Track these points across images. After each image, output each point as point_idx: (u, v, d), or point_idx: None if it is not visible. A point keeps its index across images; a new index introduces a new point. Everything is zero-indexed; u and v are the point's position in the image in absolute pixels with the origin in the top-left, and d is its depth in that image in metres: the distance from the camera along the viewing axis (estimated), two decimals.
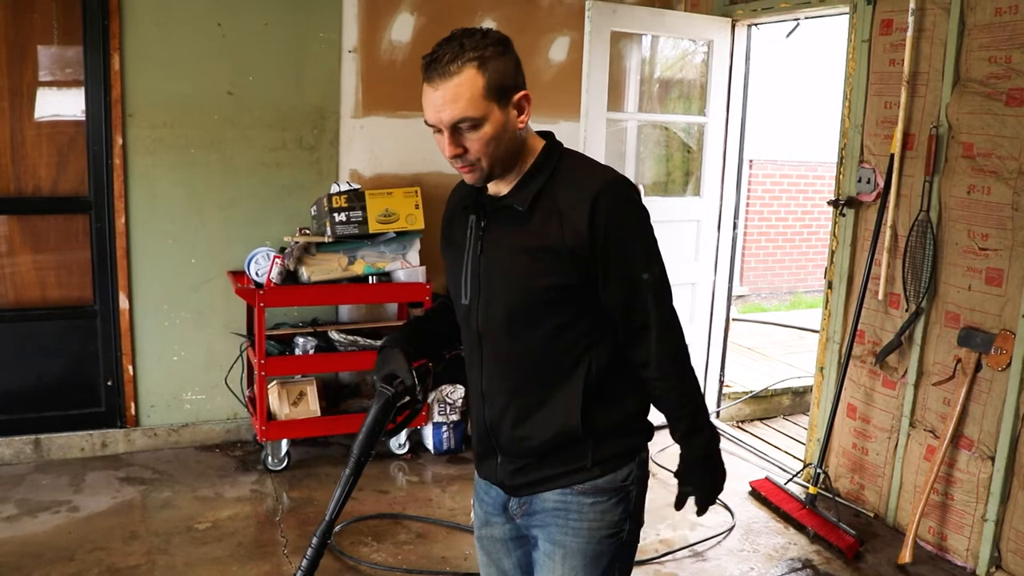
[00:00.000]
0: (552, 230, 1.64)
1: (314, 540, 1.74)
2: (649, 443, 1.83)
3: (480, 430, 1.84)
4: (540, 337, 1.70)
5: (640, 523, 1.84)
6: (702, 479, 1.78)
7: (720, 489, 1.82)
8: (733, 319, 5.54)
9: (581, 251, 1.62)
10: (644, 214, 1.70)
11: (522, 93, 1.66)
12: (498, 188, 1.74)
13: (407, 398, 1.78)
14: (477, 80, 1.58)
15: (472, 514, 2.05)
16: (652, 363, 1.71)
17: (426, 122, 1.64)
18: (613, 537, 1.77)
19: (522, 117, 1.66)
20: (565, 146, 1.77)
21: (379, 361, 1.83)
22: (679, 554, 3.55)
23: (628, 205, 1.67)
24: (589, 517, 1.74)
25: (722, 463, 1.81)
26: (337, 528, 3.60)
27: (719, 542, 3.67)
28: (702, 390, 1.71)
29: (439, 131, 1.63)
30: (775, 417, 5.31)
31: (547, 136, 1.77)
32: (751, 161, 9.02)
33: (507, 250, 1.70)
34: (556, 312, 1.68)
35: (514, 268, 1.69)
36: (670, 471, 3.55)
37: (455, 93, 1.58)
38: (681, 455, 1.79)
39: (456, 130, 1.61)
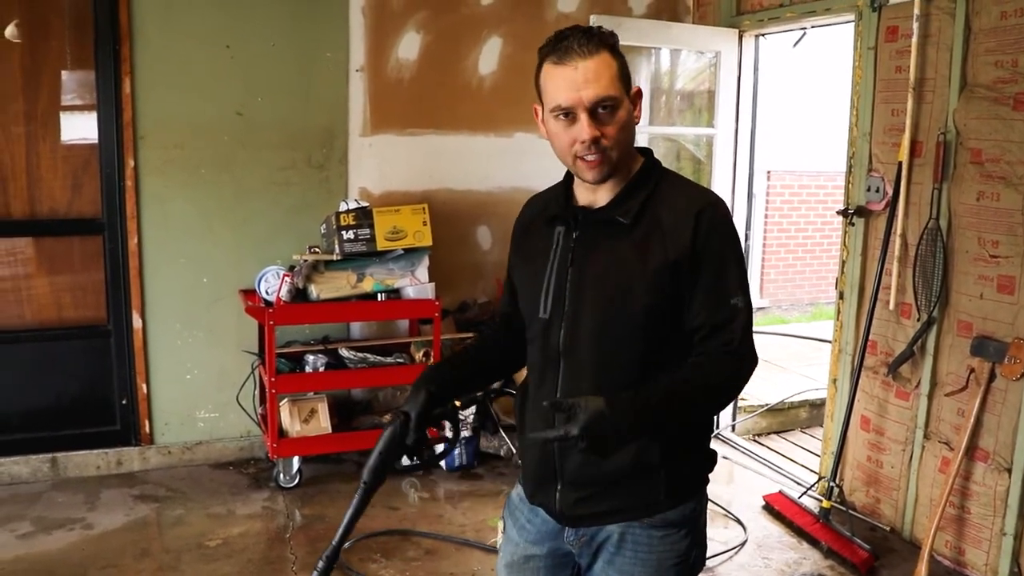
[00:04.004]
0: (655, 246, 1.60)
1: (320, 564, 1.70)
2: (711, 473, 1.79)
3: (542, 455, 1.74)
4: (628, 359, 1.65)
5: (705, 547, 1.81)
6: (599, 419, 1.50)
7: (601, 440, 1.51)
8: None
9: (684, 265, 1.59)
10: (739, 239, 1.68)
11: (637, 87, 1.66)
12: (592, 198, 1.69)
13: (450, 435, 1.79)
14: (613, 63, 1.58)
15: (499, 538, 1.97)
16: (712, 355, 1.62)
17: (557, 107, 1.59)
18: (681, 565, 1.73)
19: (636, 111, 1.65)
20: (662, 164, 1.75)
21: (407, 395, 1.82)
22: None
23: (728, 227, 1.65)
24: (659, 549, 1.70)
25: (614, 443, 1.53)
26: (347, 545, 3.59)
27: (731, 557, 3.62)
28: (708, 422, 1.71)
29: (566, 116, 1.58)
30: (792, 430, 5.25)
31: (646, 152, 1.74)
32: (769, 172, 8.96)
33: (604, 264, 1.65)
34: (649, 332, 1.63)
35: (611, 283, 1.63)
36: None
37: (596, 71, 1.56)
38: (636, 392, 1.57)
39: (594, 113, 1.57)
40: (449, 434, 1.80)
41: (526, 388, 1.83)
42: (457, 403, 1.75)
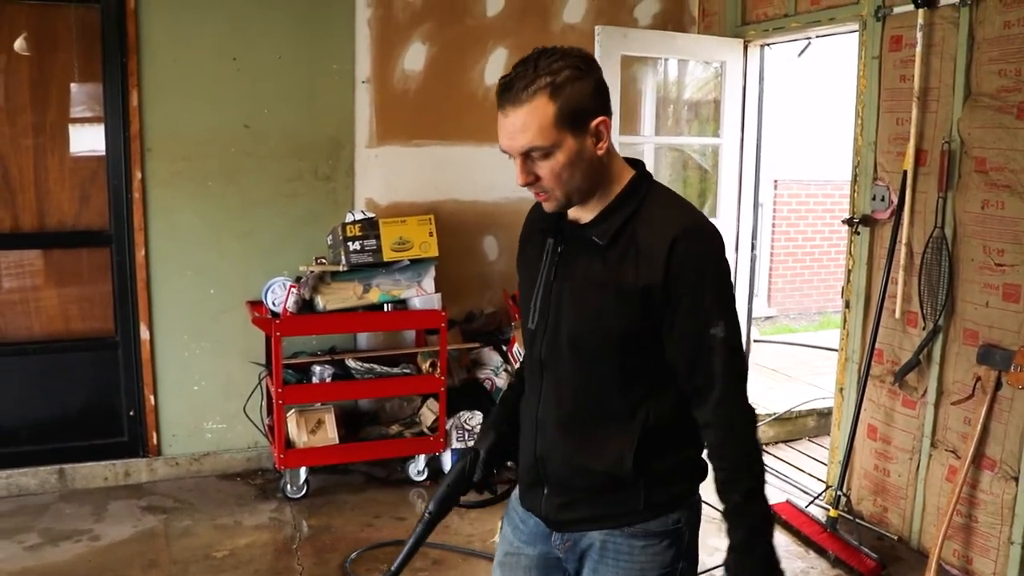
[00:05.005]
0: (627, 269, 1.59)
1: None
2: (702, 484, 1.78)
3: (528, 459, 1.78)
4: (602, 375, 1.66)
5: (695, 563, 1.79)
6: (757, 566, 1.62)
7: None
8: (755, 340, 5.48)
9: (655, 293, 1.57)
10: (724, 264, 1.64)
11: (600, 119, 1.58)
12: (580, 214, 1.69)
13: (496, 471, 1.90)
14: (548, 108, 1.52)
15: (496, 537, 2.01)
16: (713, 425, 1.63)
17: (501, 148, 1.61)
18: None
19: (601, 144, 1.59)
20: (654, 179, 1.72)
21: (479, 434, 1.95)
22: None
23: (708, 252, 1.61)
24: (640, 559, 1.69)
25: (776, 556, 1.64)
26: (353, 555, 3.60)
27: None
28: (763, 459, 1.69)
29: (509, 155, 1.60)
30: (800, 439, 5.23)
31: (637, 165, 1.71)
32: (776, 181, 8.96)
33: (581, 281, 1.65)
34: (621, 353, 1.63)
35: (585, 301, 1.64)
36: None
37: (524, 122, 1.53)
38: (733, 532, 1.64)
39: (527, 158, 1.57)
40: (481, 465, 1.86)
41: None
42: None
